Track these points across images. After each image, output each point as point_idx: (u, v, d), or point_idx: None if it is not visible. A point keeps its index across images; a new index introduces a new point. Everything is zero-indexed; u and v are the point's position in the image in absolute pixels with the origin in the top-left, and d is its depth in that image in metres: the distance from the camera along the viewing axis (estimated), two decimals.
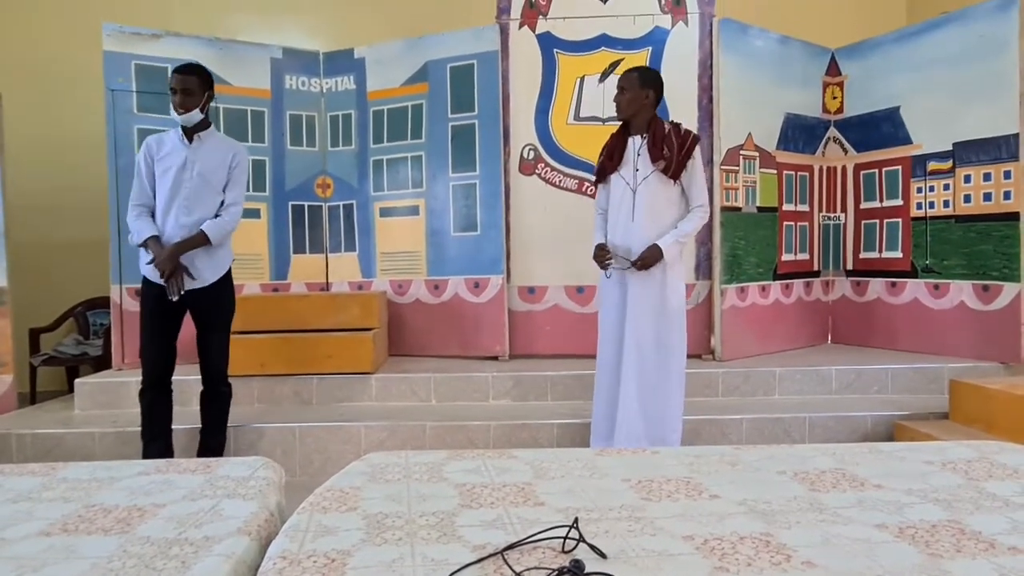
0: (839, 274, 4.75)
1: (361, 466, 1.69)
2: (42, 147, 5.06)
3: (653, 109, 3.03)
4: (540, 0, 4.33)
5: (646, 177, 2.97)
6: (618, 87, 3.02)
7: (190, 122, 2.96)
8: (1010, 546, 1.20)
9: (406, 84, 4.51)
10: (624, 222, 3.02)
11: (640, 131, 3.02)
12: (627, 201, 3.02)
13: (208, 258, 3.00)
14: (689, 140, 2.97)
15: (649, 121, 3.01)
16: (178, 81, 2.93)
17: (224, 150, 3.05)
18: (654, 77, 3.05)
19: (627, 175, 3.02)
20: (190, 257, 2.94)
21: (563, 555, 1.17)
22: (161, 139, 3.03)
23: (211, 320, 3.07)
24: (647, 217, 2.98)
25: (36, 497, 1.53)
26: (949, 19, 4.09)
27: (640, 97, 2.98)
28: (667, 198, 3.00)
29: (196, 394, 3.18)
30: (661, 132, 2.97)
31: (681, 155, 2.93)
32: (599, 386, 3.15)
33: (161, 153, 2.98)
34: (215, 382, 3.13)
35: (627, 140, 3.05)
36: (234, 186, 3.05)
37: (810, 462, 1.70)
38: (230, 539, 1.27)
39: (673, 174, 2.95)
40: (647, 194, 2.98)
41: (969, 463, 1.67)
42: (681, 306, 3.03)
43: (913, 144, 4.27)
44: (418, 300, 4.54)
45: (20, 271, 4.27)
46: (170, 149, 2.99)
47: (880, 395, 3.87)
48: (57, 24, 5.26)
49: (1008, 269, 3.85)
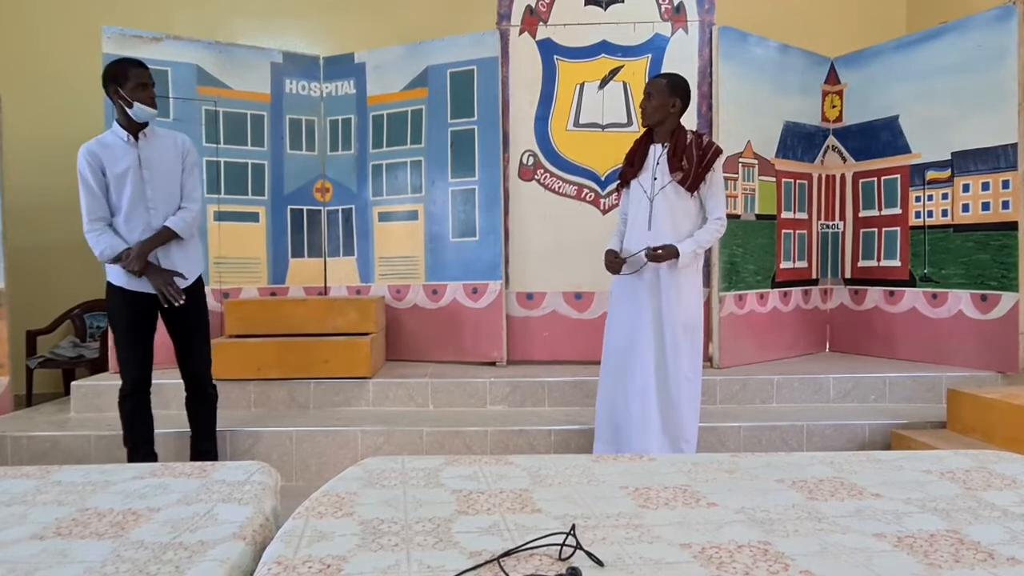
0: (837, 282, 4.75)
1: (357, 471, 1.68)
2: (41, 149, 5.05)
3: (679, 118, 2.98)
4: (540, 7, 4.34)
5: (663, 187, 2.94)
6: (645, 93, 2.97)
7: (155, 117, 2.84)
8: (1009, 556, 1.20)
9: (406, 89, 4.51)
10: (640, 230, 2.99)
11: (663, 139, 2.98)
12: (644, 209, 2.99)
13: (184, 257, 2.92)
14: (711, 152, 2.92)
15: (673, 130, 2.96)
16: (149, 76, 2.79)
17: (172, 142, 2.92)
18: (683, 84, 2.98)
19: (646, 183, 3.00)
20: (170, 259, 2.87)
21: (560, 562, 1.17)
22: (101, 145, 2.82)
23: (192, 321, 2.96)
24: (664, 226, 2.94)
25: (30, 500, 1.52)
26: (948, 28, 4.10)
27: (667, 105, 2.93)
28: (684, 209, 2.96)
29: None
30: (683, 142, 2.92)
31: (700, 167, 2.89)
32: (603, 393, 3.12)
33: (109, 159, 2.79)
34: (202, 384, 3.05)
35: (649, 147, 3.02)
36: (190, 175, 2.92)
37: (808, 470, 1.69)
38: (225, 544, 1.27)
39: (690, 186, 2.91)
40: (664, 203, 2.94)
41: (968, 473, 1.67)
42: (697, 317, 2.99)
43: (912, 153, 4.28)
44: (416, 305, 4.53)
45: (17, 273, 4.26)
46: (118, 153, 2.80)
47: (877, 404, 3.87)
48: (57, 27, 5.27)
49: (1006, 278, 3.85)
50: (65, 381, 4.68)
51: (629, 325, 3.02)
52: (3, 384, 3.91)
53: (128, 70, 2.76)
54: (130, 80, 2.74)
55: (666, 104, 2.93)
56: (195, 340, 3.00)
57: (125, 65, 2.79)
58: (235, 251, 4.45)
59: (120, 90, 2.75)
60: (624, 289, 3.05)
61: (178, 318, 2.94)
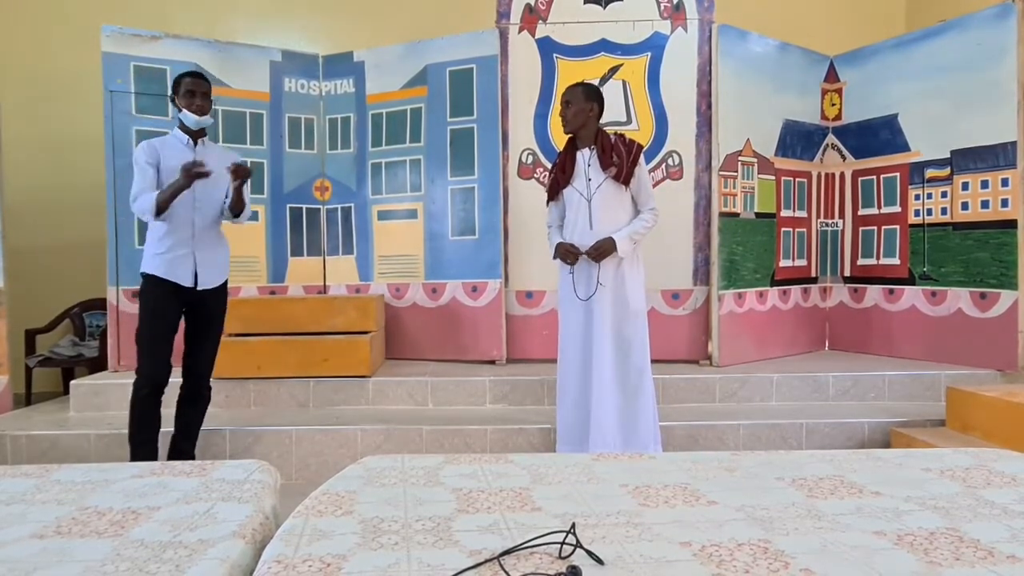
0: (837, 280, 4.75)
1: (357, 470, 1.68)
2: (40, 148, 5.05)
3: (597, 122, 3.14)
4: (540, 5, 4.34)
5: (599, 185, 3.08)
6: (563, 102, 3.14)
7: (208, 124, 3.00)
8: (1009, 554, 1.20)
9: (405, 88, 4.51)
10: (582, 231, 3.11)
11: (587, 143, 3.14)
12: (583, 211, 3.11)
13: (215, 261, 3.05)
14: (635, 148, 3.09)
15: (596, 133, 3.12)
16: (198, 84, 2.97)
17: (225, 155, 3.09)
18: (596, 92, 3.16)
19: (580, 186, 3.12)
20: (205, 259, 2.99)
21: (560, 561, 1.16)
22: (164, 143, 2.99)
23: (212, 322, 3.10)
24: (605, 224, 3.08)
25: (30, 499, 1.52)
26: (947, 27, 4.10)
27: (585, 110, 3.09)
28: (621, 204, 3.11)
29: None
30: (609, 142, 3.11)
31: (630, 161, 3.05)
32: (563, 392, 3.19)
33: (167, 156, 2.94)
34: (202, 383, 3.12)
35: (576, 154, 3.15)
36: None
37: (808, 468, 1.69)
38: (225, 543, 1.26)
39: (624, 179, 3.06)
40: (602, 201, 3.08)
41: (967, 470, 1.67)
42: (642, 308, 3.12)
43: (911, 151, 4.28)
44: (416, 304, 4.53)
45: (17, 272, 4.26)
46: (177, 153, 2.95)
47: (877, 402, 3.87)
48: (56, 26, 5.25)
49: (1005, 276, 3.85)
50: (64, 380, 4.68)
51: (580, 323, 3.12)
52: (2, 383, 3.90)
53: (181, 79, 2.98)
54: (181, 88, 2.96)
55: (584, 109, 3.09)
56: (208, 340, 3.11)
57: (183, 75, 3.01)
58: (235, 250, 4.34)
59: (175, 97, 2.98)
60: (570, 287, 3.15)
61: (203, 316, 3.06)
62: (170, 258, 2.93)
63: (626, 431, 3.07)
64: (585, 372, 3.10)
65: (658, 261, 4.01)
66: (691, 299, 4.30)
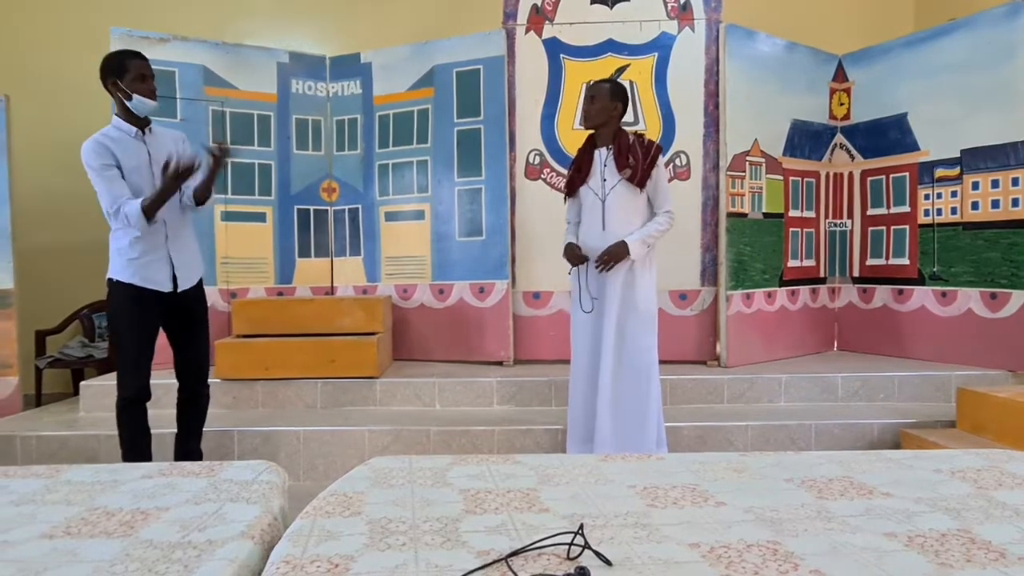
0: (845, 281, 4.73)
1: (365, 471, 1.68)
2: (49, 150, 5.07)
3: (619, 121, 3.11)
4: (547, 5, 4.34)
5: (614, 187, 3.05)
6: (588, 96, 3.10)
7: (155, 110, 2.76)
8: (1021, 556, 1.19)
9: (412, 89, 4.52)
10: (596, 232, 3.09)
11: (606, 143, 3.10)
12: (597, 211, 3.09)
13: (191, 260, 2.89)
14: (653, 150, 3.05)
15: (615, 133, 3.08)
16: (148, 67, 2.70)
17: (171, 138, 2.87)
18: (623, 92, 3.12)
19: (595, 186, 3.09)
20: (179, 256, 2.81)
21: (568, 562, 1.16)
22: (111, 139, 2.71)
23: (198, 322, 2.94)
24: (618, 225, 3.05)
25: (39, 500, 1.53)
26: (957, 25, 4.08)
27: (609, 108, 3.05)
28: (635, 206, 3.07)
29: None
30: (626, 142, 3.06)
31: (646, 164, 3.01)
32: (574, 392, 3.20)
33: (122, 153, 2.70)
34: (201, 384, 2.98)
35: (594, 152, 3.12)
36: None
37: (817, 469, 1.68)
38: (233, 543, 1.27)
39: (639, 182, 3.02)
40: (616, 203, 3.05)
41: (979, 472, 1.66)
42: (652, 311, 3.09)
43: (920, 151, 4.26)
44: (423, 305, 4.53)
45: (27, 274, 4.28)
46: (129, 147, 2.71)
47: (886, 403, 3.85)
48: (64, 28, 5.28)
49: (1016, 276, 3.83)
50: (74, 381, 4.70)
51: (589, 323, 3.12)
52: (12, 384, 3.93)
53: (127, 61, 2.68)
54: (129, 71, 2.67)
55: (608, 107, 3.04)
56: (200, 341, 2.96)
57: (124, 56, 2.71)
58: (242, 251, 4.46)
59: (119, 82, 2.68)
60: (583, 287, 3.14)
61: (187, 314, 2.88)
62: (145, 263, 2.73)
63: (631, 434, 3.05)
64: (593, 373, 3.10)
65: (666, 261, 3.98)
66: (699, 300, 4.29)
